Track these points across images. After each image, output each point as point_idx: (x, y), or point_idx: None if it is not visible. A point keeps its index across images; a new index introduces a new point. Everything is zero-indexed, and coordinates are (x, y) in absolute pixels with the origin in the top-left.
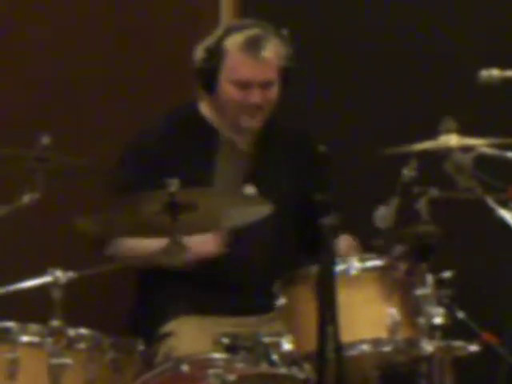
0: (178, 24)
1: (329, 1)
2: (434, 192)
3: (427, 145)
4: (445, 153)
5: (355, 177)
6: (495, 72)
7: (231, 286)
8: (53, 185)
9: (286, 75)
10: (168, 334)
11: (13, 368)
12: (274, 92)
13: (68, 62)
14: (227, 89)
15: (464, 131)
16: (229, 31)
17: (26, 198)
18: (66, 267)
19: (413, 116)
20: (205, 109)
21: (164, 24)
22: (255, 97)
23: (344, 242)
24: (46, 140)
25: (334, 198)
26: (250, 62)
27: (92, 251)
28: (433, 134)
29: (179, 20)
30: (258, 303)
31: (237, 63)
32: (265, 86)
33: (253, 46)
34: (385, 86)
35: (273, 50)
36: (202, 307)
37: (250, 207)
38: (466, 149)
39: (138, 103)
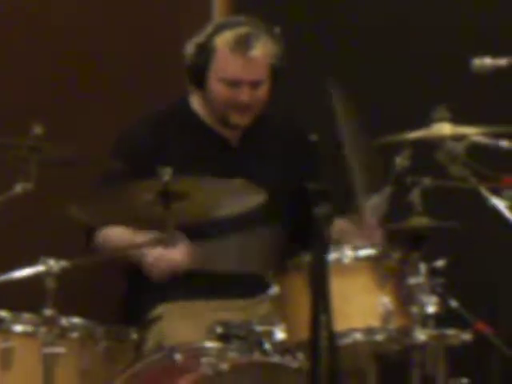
0: (169, 18)
1: None
2: (426, 181)
3: (420, 134)
4: (437, 142)
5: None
6: (488, 60)
7: (224, 273)
8: (46, 174)
9: (277, 73)
10: (156, 319)
11: (7, 357)
12: (263, 90)
13: (62, 55)
14: (216, 86)
15: (456, 120)
16: (219, 28)
17: (19, 188)
18: (58, 256)
19: (405, 105)
20: (195, 103)
21: (156, 18)
22: (244, 95)
23: (338, 225)
24: (38, 129)
25: (327, 186)
26: (239, 61)
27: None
28: (425, 122)
29: (171, 14)
30: (246, 287)
31: (226, 61)
32: (254, 84)
33: (242, 44)
34: (377, 75)
35: (263, 49)
36: (190, 292)
37: (241, 197)
38: (459, 137)
39: (129, 96)
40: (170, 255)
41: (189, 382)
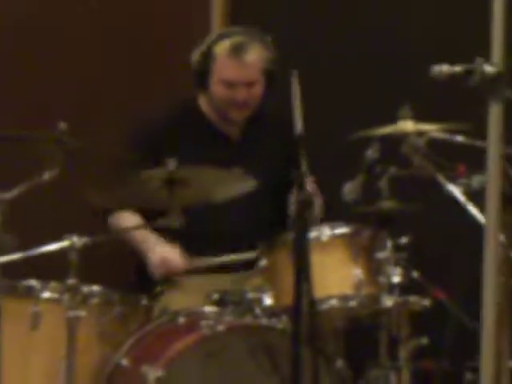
0: (177, 29)
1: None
2: (393, 170)
3: (387, 130)
4: (402, 137)
5: (328, 157)
6: (445, 67)
7: (218, 247)
8: (69, 164)
9: (270, 75)
10: (162, 290)
11: (35, 320)
12: (257, 90)
13: (81, 66)
14: (217, 87)
15: (418, 118)
16: (219, 38)
17: (47, 175)
18: (80, 233)
19: (375, 105)
20: (202, 103)
21: (163, 30)
22: (240, 94)
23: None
24: (63, 126)
25: (308, 174)
26: (235, 65)
27: (98, 220)
28: (392, 120)
29: (174, 25)
30: (240, 263)
31: (224, 66)
32: (248, 85)
33: (237, 51)
34: (351, 80)
35: (256, 55)
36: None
37: (235, 184)
38: (420, 133)
39: (140, 97)
40: (172, 261)
41: (190, 341)
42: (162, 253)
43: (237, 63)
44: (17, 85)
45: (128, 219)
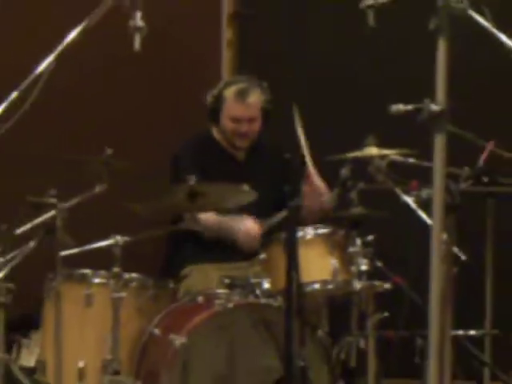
0: (194, 78)
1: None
2: (361, 185)
3: (357, 154)
4: (368, 159)
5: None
6: (401, 106)
7: (229, 244)
8: (113, 180)
9: (266, 112)
10: (185, 276)
11: (88, 300)
12: (257, 124)
13: (123, 102)
14: (226, 122)
15: (380, 145)
16: (227, 84)
17: (97, 189)
18: (122, 234)
19: (348, 135)
20: (215, 133)
21: (186, 78)
22: (243, 128)
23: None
24: (109, 151)
25: (298, 187)
26: (240, 106)
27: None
28: (360, 146)
29: (194, 75)
30: (245, 256)
31: (231, 106)
32: (250, 121)
33: (242, 95)
34: (329, 116)
35: (255, 97)
36: (211, 257)
37: (241, 195)
38: (382, 157)
39: (168, 127)
40: (252, 231)
41: (206, 316)
42: (243, 228)
43: (241, 104)
44: (76, 118)
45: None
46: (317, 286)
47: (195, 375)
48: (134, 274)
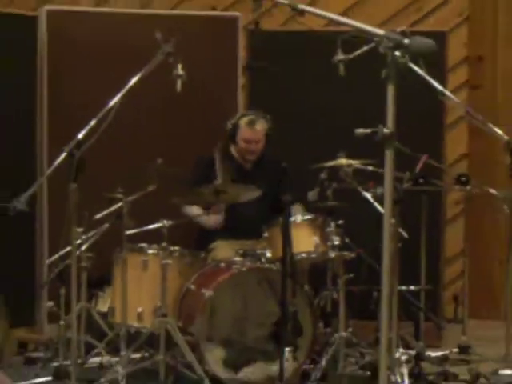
0: (218, 111)
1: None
2: (335, 185)
3: (332, 163)
4: (339, 167)
5: (300, 178)
6: (362, 130)
7: (243, 227)
8: (162, 181)
9: (268, 136)
10: (213, 249)
11: (145, 265)
12: (261, 144)
13: (166, 124)
14: (240, 142)
15: (348, 156)
16: (241, 116)
17: (150, 188)
18: (168, 219)
19: (325, 149)
20: (232, 150)
21: (212, 111)
22: (252, 147)
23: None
24: (159, 160)
25: (291, 188)
26: (250, 131)
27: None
28: (335, 157)
29: (217, 109)
30: (254, 234)
31: (244, 131)
32: (257, 142)
33: (251, 123)
34: (311, 135)
35: (261, 126)
36: (230, 236)
37: (250, 193)
38: (349, 165)
39: (201, 145)
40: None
41: (227, 276)
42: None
43: (251, 130)
44: (137, 138)
45: (194, 210)
46: (304, 255)
47: (219, 317)
48: (176, 247)
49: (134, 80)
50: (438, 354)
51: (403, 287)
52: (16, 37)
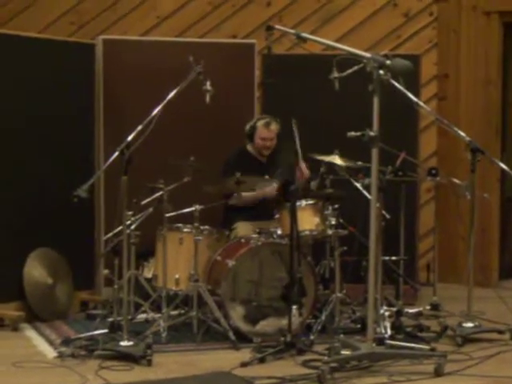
0: (236, 116)
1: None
2: (332, 176)
3: (329, 159)
4: (335, 162)
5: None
6: (353, 133)
7: (260, 210)
8: (195, 174)
9: (279, 135)
10: (235, 228)
11: (181, 241)
12: (274, 142)
13: (198, 130)
14: (257, 140)
15: (342, 155)
16: (258, 119)
17: (185, 179)
18: (199, 203)
19: (324, 147)
20: (249, 147)
21: (233, 115)
22: (268, 144)
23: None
24: (192, 158)
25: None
26: (266, 131)
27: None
28: (332, 154)
29: (237, 115)
30: (268, 216)
31: (261, 131)
32: (271, 139)
33: (267, 125)
34: (315, 136)
35: (274, 127)
36: (248, 218)
37: (265, 182)
38: (343, 161)
39: (225, 145)
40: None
41: (246, 249)
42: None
43: (267, 130)
44: (176, 139)
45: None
46: (307, 232)
47: (240, 282)
48: (206, 226)
49: (172, 94)
50: (414, 310)
51: (386, 257)
52: (78, 61)
